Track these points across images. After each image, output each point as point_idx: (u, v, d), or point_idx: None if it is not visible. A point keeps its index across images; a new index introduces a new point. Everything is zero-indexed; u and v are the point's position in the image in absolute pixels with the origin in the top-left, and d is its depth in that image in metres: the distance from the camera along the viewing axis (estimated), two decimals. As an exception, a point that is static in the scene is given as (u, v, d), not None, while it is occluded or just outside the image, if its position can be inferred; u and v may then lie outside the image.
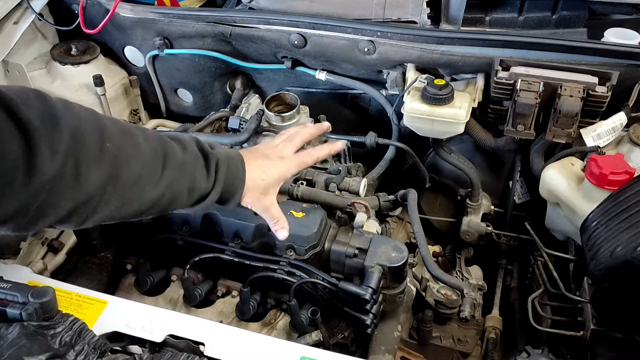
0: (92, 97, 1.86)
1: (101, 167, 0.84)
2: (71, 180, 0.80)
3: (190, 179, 0.98)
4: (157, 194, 0.93)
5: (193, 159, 1.00)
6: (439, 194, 1.85)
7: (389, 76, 1.65)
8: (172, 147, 0.97)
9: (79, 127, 0.82)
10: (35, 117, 0.77)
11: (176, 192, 0.96)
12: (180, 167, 0.96)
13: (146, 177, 0.91)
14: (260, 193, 1.10)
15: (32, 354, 0.88)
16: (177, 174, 0.95)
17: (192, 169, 0.99)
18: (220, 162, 1.03)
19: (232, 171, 1.05)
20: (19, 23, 1.80)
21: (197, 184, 0.99)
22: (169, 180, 0.94)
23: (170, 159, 0.95)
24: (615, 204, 1.18)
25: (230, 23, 1.69)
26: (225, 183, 1.03)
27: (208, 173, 1.01)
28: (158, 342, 1.00)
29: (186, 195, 0.98)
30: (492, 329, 1.58)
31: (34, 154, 0.76)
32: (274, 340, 1.02)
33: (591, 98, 1.38)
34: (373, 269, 1.18)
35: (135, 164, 0.89)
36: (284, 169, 1.14)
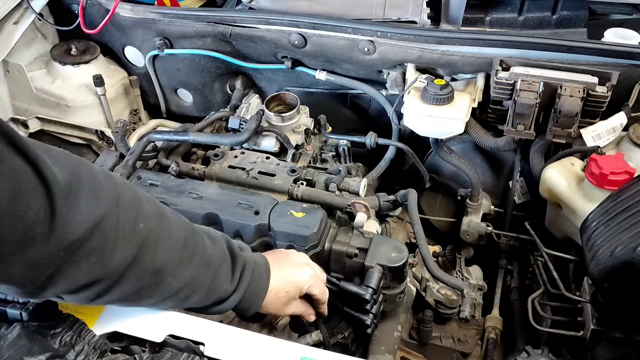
0: (92, 97, 1.86)
1: (129, 247, 0.79)
2: (95, 254, 0.75)
3: (214, 278, 0.94)
4: (176, 286, 0.89)
5: (220, 257, 0.96)
6: (439, 194, 1.85)
7: (389, 76, 1.65)
8: (202, 240, 0.93)
9: (118, 200, 0.78)
10: (67, 179, 0.72)
11: (197, 288, 0.92)
12: (207, 264, 0.92)
13: (170, 268, 0.87)
14: (282, 304, 1.07)
15: (32, 354, 0.88)
16: (202, 270, 0.92)
17: (217, 268, 0.95)
18: (247, 266, 1.00)
19: (257, 280, 1.01)
20: (19, 23, 1.80)
21: (219, 284, 0.95)
22: (192, 276, 0.90)
23: (199, 252, 0.91)
24: (615, 204, 1.18)
25: (230, 23, 1.69)
26: (248, 290, 1.00)
27: (232, 276, 0.97)
28: (158, 342, 1.00)
29: (205, 294, 0.94)
30: (492, 329, 1.58)
31: (56, 217, 0.70)
32: (274, 340, 1.02)
33: (591, 98, 1.38)
34: (373, 269, 1.18)
35: (162, 252, 0.85)
36: (309, 279, 1.09)
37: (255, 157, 1.47)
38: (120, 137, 1.53)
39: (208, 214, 1.25)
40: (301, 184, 1.38)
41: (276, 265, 1.07)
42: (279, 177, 1.40)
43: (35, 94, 1.87)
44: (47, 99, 1.87)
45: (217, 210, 1.25)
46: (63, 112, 1.88)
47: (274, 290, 1.04)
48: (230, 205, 1.26)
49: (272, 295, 1.04)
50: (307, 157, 1.55)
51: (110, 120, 1.89)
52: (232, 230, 1.24)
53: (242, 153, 1.49)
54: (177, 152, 1.53)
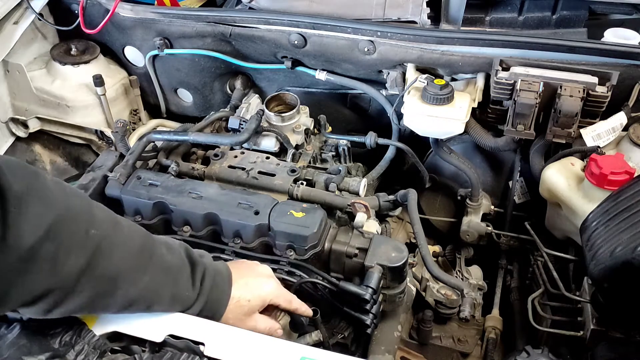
0: (92, 97, 1.86)
1: (81, 254, 0.78)
2: (46, 263, 0.74)
3: (175, 285, 0.93)
4: (134, 294, 0.87)
5: (180, 264, 0.95)
6: (439, 194, 1.85)
7: (389, 76, 1.65)
8: (159, 247, 0.92)
9: (68, 207, 0.77)
10: (19, 188, 0.72)
11: (157, 296, 0.91)
12: (164, 271, 0.91)
13: (126, 274, 0.85)
14: (244, 315, 1.05)
15: (32, 354, 0.88)
16: (159, 277, 0.90)
17: (177, 275, 0.94)
18: (207, 273, 0.98)
19: (219, 286, 1.00)
20: (19, 23, 1.80)
21: (180, 291, 0.94)
22: (150, 282, 0.89)
23: (155, 259, 0.90)
24: (615, 204, 1.18)
25: (230, 23, 1.69)
26: (210, 297, 0.99)
27: (193, 283, 0.96)
28: (158, 342, 1.00)
29: (167, 302, 0.93)
30: (492, 329, 1.58)
31: (8, 227, 0.69)
32: (274, 340, 1.02)
33: (591, 98, 1.38)
34: (373, 269, 1.18)
35: (117, 258, 0.84)
36: (270, 289, 1.08)
37: (255, 157, 1.47)
38: (120, 137, 1.53)
39: (208, 214, 1.25)
40: (301, 184, 1.38)
41: (238, 274, 1.05)
42: (279, 177, 1.40)
43: (35, 94, 1.87)
44: (47, 99, 1.87)
45: (217, 210, 1.25)
46: (63, 112, 1.88)
47: (235, 298, 1.03)
48: (230, 205, 1.26)
49: (234, 304, 1.02)
50: (307, 157, 1.55)
51: (110, 120, 1.89)
52: (232, 230, 1.24)
53: (242, 153, 1.49)
54: (177, 152, 1.53)
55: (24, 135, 1.90)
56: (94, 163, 1.43)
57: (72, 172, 2.00)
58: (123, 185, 1.33)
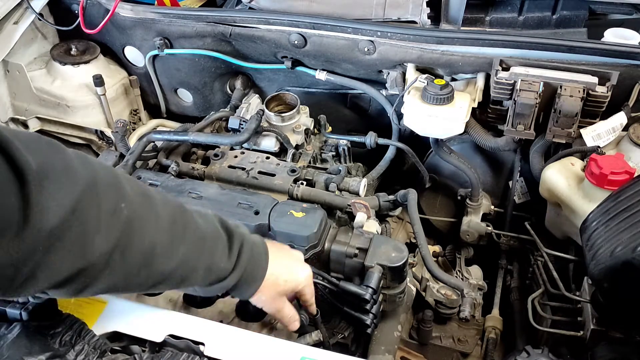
0: (92, 97, 1.86)
1: (112, 230, 0.74)
2: (74, 242, 0.70)
3: (210, 256, 0.89)
4: (169, 268, 0.83)
5: (215, 234, 0.90)
6: (439, 194, 1.85)
7: (389, 76, 1.65)
8: (192, 217, 0.88)
9: (95, 181, 0.72)
10: (39, 164, 0.67)
11: (192, 269, 0.87)
12: (200, 242, 0.87)
13: (160, 248, 0.81)
14: (277, 293, 1.01)
15: (32, 354, 0.88)
16: (195, 248, 0.86)
17: (213, 246, 0.89)
18: (245, 244, 0.94)
19: (256, 258, 0.96)
20: (19, 23, 1.80)
21: (216, 263, 0.89)
22: (185, 255, 0.84)
23: (190, 230, 0.86)
24: (615, 204, 1.17)
25: (230, 23, 1.69)
26: (247, 269, 0.94)
27: (230, 253, 0.91)
28: (158, 342, 1.00)
29: (202, 275, 0.89)
30: (492, 329, 1.58)
31: (30, 205, 0.65)
32: (274, 340, 1.02)
33: (591, 98, 1.38)
34: (373, 269, 1.18)
35: (149, 232, 0.79)
36: (305, 275, 1.05)
37: (255, 157, 1.47)
38: (120, 137, 1.53)
39: (208, 214, 1.25)
40: (301, 184, 1.39)
41: (276, 252, 1.01)
42: (279, 177, 1.40)
43: (35, 94, 1.87)
44: (47, 99, 1.87)
45: (217, 210, 1.24)
46: (63, 112, 1.88)
47: (274, 275, 0.98)
48: (230, 205, 1.26)
49: (271, 281, 0.98)
50: (307, 157, 1.55)
51: (110, 120, 1.89)
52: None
53: (242, 153, 1.49)
54: (177, 152, 1.53)
55: (24, 135, 1.90)
56: (94, 163, 1.42)
57: (72, 172, 2.00)
58: (123, 185, 1.33)
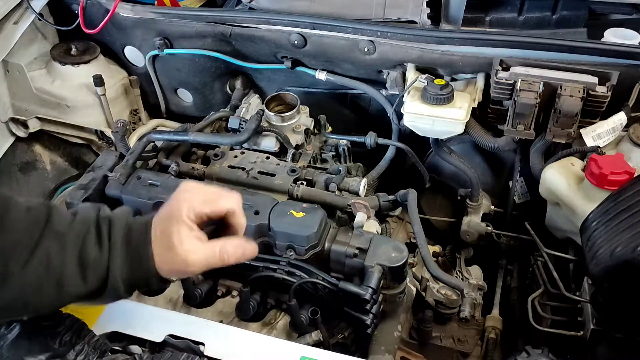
0: (92, 97, 1.86)
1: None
2: None
3: (80, 250, 0.79)
4: (31, 272, 0.75)
5: (81, 226, 0.81)
6: (439, 194, 1.85)
7: (389, 76, 1.65)
8: (58, 217, 0.81)
9: None
10: None
11: (58, 268, 0.78)
12: (60, 236, 0.79)
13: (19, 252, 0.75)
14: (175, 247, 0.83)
15: (32, 354, 0.88)
16: (56, 244, 0.78)
17: (80, 237, 0.80)
18: (115, 224, 0.83)
19: (134, 235, 0.83)
20: (19, 23, 1.80)
21: (87, 255, 0.80)
22: (46, 253, 0.76)
23: (50, 229, 0.78)
24: (615, 204, 1.18)
25: (230, 23, 1.69)
26: (127, 252, 0.82)
27: (100, 241, 0.81)
28: (158, 342, 1.00)
29: (78, 274, 0.79)
30: (492, 329, 1.58)
31: None
32: (274, 340, 1.02)
33: (591, 98, 1.38)
34: (373, 269, 1.18)
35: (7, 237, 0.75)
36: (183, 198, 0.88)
37: (255, 157, 1.47)
38: (120, 137, 1.53)
39: (208, 214, 1.25)
40: (301, 184, 1.38)
41: (157, 213, 0.88)
42: (279, 177, 1.40)
43: (35, 94, 1.86)
44: (47, 99, 1.87)
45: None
46: (63, 112, 1.88)
47: (156, 239, 0.83)
48: (230, 205, 1.26)
49: (157, 247, 0.82)
50: (307, 157, 1.55)
51: (110, 120, 1.89)
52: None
53: (242, 153, 1.49)
54: (177, 152, 1.53)
55: (24, 135, 1.90)
56: (94, 163, 1.43)
57: (72, 172, 2.00)
58: (123, 185, 1.33)
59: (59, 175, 1.97)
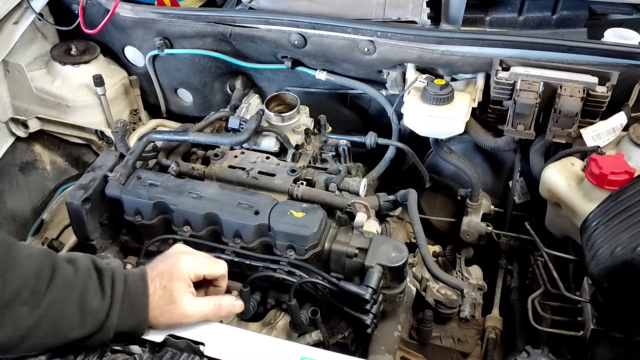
0: (92, 97, 1.86)
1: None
2: None
3: (81, 297, 0.86)
4: (37, 314, 0.81)
5: (85, 275, 0.88)
6: (439, 194, 1.85)
7: (389, 76, 1.65)
8: (63, 265, 0.87)
9: None
10: None
11: (63, 313, 0.84)
12: (67, 285, 0.85)
13: (25, 295, 0.79)
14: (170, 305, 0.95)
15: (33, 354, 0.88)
16: (63, 291, 0.84)
17: (82, 286, 0.87)
18: (117, 276, 0.91)
19: (132, 287, 0.92)
20: (19, 23, 1.80)
21: (89, 303, 0.87)
22: (53, 299, 0.82)
23: (58, 277, 0.85)
24: (615, 204, 1.18)
25: (230, 23, 1.69)
26: (125, 302, 0.90)
27: (103, 290, 0.88)
28: (158, 342, 1.00)
29: (78, 319, 0.86)
30: (492, 329, 1.58)
31: None
32: (274, 340, 1.02)
33: (591, 98, 1.38)
34: (373, 268, 1.18)
35: (13, 279, 0.79)
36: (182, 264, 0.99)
37: (255, 157, 1.47)
38: (120, 137, 1.53)
39: (208, 214, 1.25)
40: (301, 184, 1.38)
41: (151, 268, 0.98)
42: (279, 177, 1.40)
43: (35, 94, 1.86)
44: (47, 99, 1.87)
45: (217, 210, 1.25)
46: (63, 112, 1.88)
47: (155, 292, 0.93)
48: (230, 205, 1.26)
49: (156, 300, 0.93)
50: (307, 157, 1.54)
51: (110, 120, 1.89)
52: (232, 230, 1.24)
53: (242, 153, 1.49)
54: (177, 152, 1.53)
55: (24, 135, 1.90)
56: (94, 163, 1.43)
57: (72, 172, 2.00)
58: (123, 185, 1.33)
59: (59, 175, 1.97)
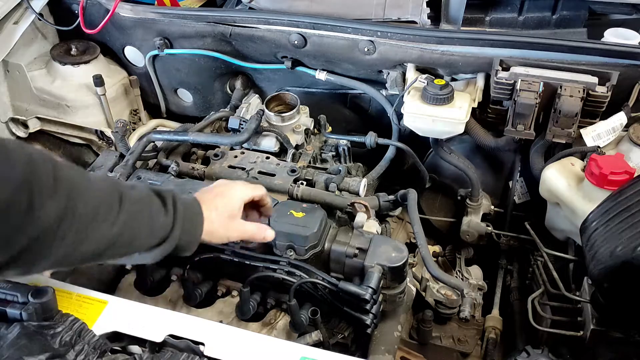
0: (92, 97, 1.86)
1: (56, 198, 0.78)
2: (24, 212, 0.74)
3: (149, 215, 0.94)
4: (115, 231, 0.87)
5: (147, 196, 0.96)
6: (439, 194, 1.85)
7: (389, 76, 1.65)
8: (125, 185, 0.94)
9: (31, 158, 0.78)
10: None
11: (136, 229, 0.91)
12: (138, 203, 0.92)
13: (104, 212, 0.86)
14: (227, 219, 1.08)
15: (32, 354, 0.88)
16: (135, 208, 0.91)
17: (149, 206, 0.95)
18: (177, 198, 1.00)
19: (190, 209, 1.02)
20: (19, 23, 1.80)
21: (156, 220, 0.95)
22: (128, 216, 0.89)
23: (126, 195, 0.91)
24: (615, 204, 1.18)
25: (230, 23, 1.69)
26: (186, 219, 1.00)
27: (166, 209, 0.97)
28: (158, 342, 1.00)
29: (147, 234, 0.94)
30: (492, 329, 1.58)
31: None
32: (274, 340, 1.02)
33: (591, 98, 1.38)
34: (373, 269, 1.18)
35: (91, 197, 0.85)
36: (241, 190, 1.12)
37: (255, 157, 1.47)
38: (120, 137, 1.53)
39: (208, 214, 1.25)
40: (301, 184, 1.39)
41: (203, 194, 1.09)
42: (279, 177, 1.40)
43: (35, 94, 1.87)
44: (47, 99, 1.87)
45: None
46: (63, 112, 1.88)
47: (211, 209, 1.05)
48: (230, 205, 1.26)
49: (213, 214, 1.05)
50: (307, 157, 1.55)
51: (110, 120, 1.89)
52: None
53: (242, 153, 1.49)
54: (177, 152, 1.53)
55: (24, 135, 1.90)
56: (94, 163, 1.43)
57: (72, 172, 2.00)
58: (123, 185, 1.33)
59: (59, 175, 1.97)
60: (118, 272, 1.40)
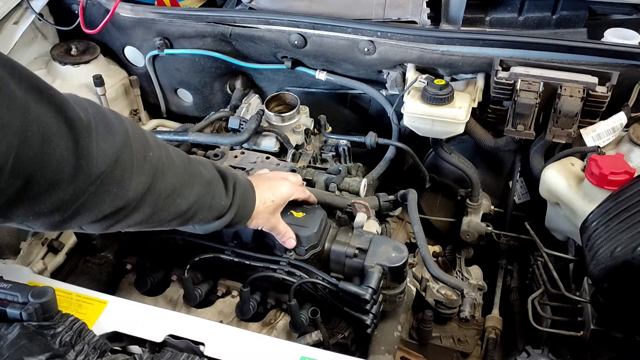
0: (92, 97, 1.85)
1: (143, 175, 0.86)
2: (115, 186, 0.82)
3: (214, 195, 1.02)
4: (185, 207, 0.97)
5: (214, 177, 1.05)
6: (439, 194, 1.85)
7: (389, 76, 1.65)
8: (197, 164, 1.02)
9: (128, 134, 0.84)
10: (87, 118, 0.78)
11: (200, 206, 1.00)
12: (206, 184, 1.01)
13: (179, 190, 0.95)
14: (270, 214, 1.15)
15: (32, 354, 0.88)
16: (203, 190, 1.00)
17: (214, 187, 1.03)
18: (237, 183, 1.08)
19: (245, 193, 1.10)
20: (19, 23, 1.80)
21: (217, 201, 1.03)
22: (198, 195, 0.98)
23: (197, 175, 1.00)
24: (615, 204, 1.18)
25: (230, 23, 1.69)
26: (241, 204, 1.08)
27: (227, 191, 1.05)
28: (158, 342, 1.00)
29: (207, 211, 1.02)
30: (492, 329, 1.58)
31: (81, 155, 0.76)
32: (274, 340, 1.02)
33: (591, 98, 1.38)
34: (373, 269, 1.18)
35: (171, 176, 0.93)
36: (290, 188, 1.20)
37: (255, 157, 1.47)
38: (120, 137, 1.53)
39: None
40: (301, 184, 1.38)
41: (258, 182, 1.17)
42: (279, 177, 1.39)
43: (36, 94, 1.86)
44: (47, 99, 1.86)
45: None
46: (63, 112, 1.88)
47: (262, 200, 1.13)
48: (230, 205, 1.26)
49: (262, 206, 1.13)
50: (307, 157, 1.55)
51: (110, 120, 1.89)
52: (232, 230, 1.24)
53: (242, 153, 1.49)
54: (177, 152, 1.53)
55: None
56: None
57: (72, 172, 2.00)
58: (123, 185, 1.33)
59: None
60: (118, 272, 1.40)
